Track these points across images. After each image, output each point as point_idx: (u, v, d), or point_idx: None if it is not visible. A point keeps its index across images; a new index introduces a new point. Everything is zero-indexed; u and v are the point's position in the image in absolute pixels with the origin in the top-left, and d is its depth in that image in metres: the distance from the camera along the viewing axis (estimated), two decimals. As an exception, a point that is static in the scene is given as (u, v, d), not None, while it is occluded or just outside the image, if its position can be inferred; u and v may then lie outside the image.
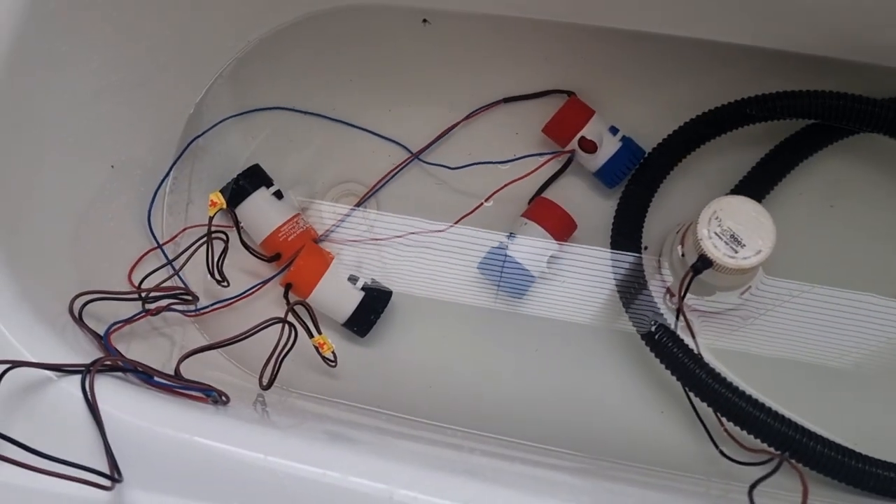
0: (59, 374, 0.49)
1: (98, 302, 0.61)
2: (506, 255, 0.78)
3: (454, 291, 0.80)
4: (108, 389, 0.49)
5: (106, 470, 0.45)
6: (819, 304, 0.78)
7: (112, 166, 0.71)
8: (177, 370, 0.57)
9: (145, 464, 0.47)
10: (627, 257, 0.77)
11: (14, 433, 0.44)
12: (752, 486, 0.53)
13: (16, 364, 0.47)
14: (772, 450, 0.69)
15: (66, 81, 0.66)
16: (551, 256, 0.78)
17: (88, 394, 0.47)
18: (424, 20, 0.87)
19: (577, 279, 0.80)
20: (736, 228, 0.69)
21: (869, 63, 0.80)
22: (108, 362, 0.51)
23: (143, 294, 0.63)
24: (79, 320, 0.57)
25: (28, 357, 0.49)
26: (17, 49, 0.60)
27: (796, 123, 0.80)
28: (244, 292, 0.77)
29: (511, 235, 0.78)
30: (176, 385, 0.52)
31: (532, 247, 0.78)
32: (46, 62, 0.63)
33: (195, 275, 0.77)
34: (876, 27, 0.76)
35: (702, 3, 0.78)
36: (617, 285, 0.77)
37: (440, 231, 0.81)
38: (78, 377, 0.49)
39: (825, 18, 0.76)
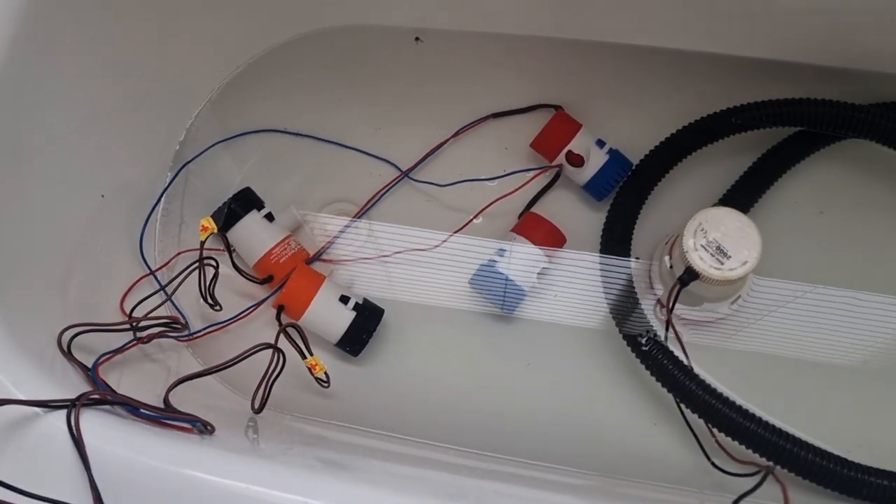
0: (46, 409, 0.50)
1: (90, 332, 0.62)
2: (496, 271, 0.78)
3: (446, 308, 0.81)
4: (95, 423, 0.50)
5: (91, 505, 0.46)
6: (809, 308, 0.78)
7: (102, 195, 0.72)
8: (166, 399, 0.58)
9: (130, 496, 0.47)
10: (617, 270, 0.78)
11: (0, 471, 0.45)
12: (736, 501, 0.53)
13: (2, 402, 0.48)
14: (763, 460, 0.69)
15: (54, 114, 0.67)
16: (541, 271, 0.79)
17: (73, 429, 0.48)
18: (417, 38, 0.88)
19: (567, 293, 0.80)
20: (721, 240, 0.69)
21: (853, 69, 0.80)
22: (95, 396, 0.52)
23: (133, 323, 0.64)
24: (67, 353, 0.57)
25: (15, 393, 0.50)
26: (4, 82, 0.61)
27: (783, 131, 0.80)
28: (236, 316, 0.77)
29: (501, 251, 0.79)
30: (161, 416, 0.53)
31: (522, 262, 0.78)
32: (34, 94, 0.64)
33: (189, 298, 0.78)
34: (858, 33, 0.76)
35: (685, 16, 0.79)
36: (607, 298, 0.78)
37: (431, 248, 0.81)
38: (64, 412, 0.49)
39: (807, 26, 0.76)
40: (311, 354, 0.71)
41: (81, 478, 0.47)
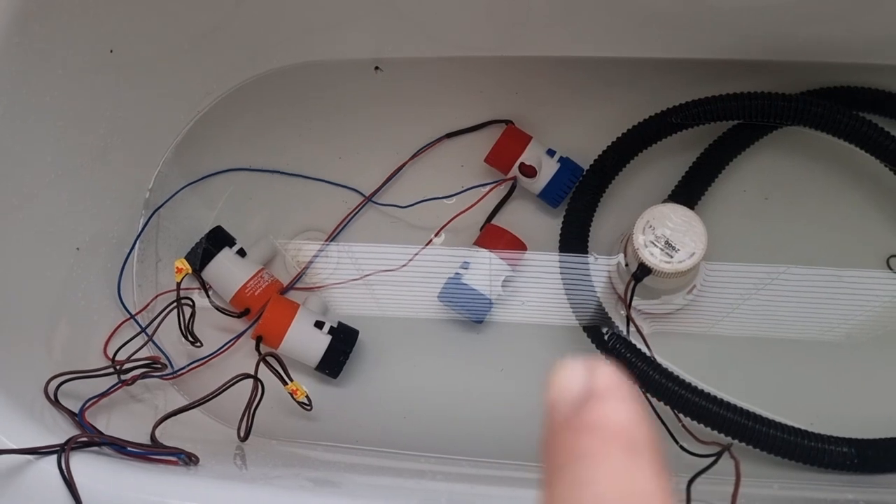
0: (37, 456, 0.53)
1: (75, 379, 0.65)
2: (462, 284, 0.81)
3: (418, 322, 0.84)
4: (85, 465, 0.53)
5: (86, 542, 0.49)
6: (766, 289, 0.82)
7: (77, 248, 0.76)
8: (152, 436, 0.61)
9: (122, 531, 0.51)
10: (577, 272, 0.81)
11: (-2, 517, 0.48)
12: (691, 481, 0.57)
13: (-6, 453, 0.51)
14: (727, 439, 0.72)
15: (23, 173, 0.70)
16: (505, 279, 0.82)
17: (65, 472, 0.51)
18: (377, 68, 0.92)
19: (531, 297, 0.84)
20: (669, 235, 0.73)
21: (780, 61, 0.84)
22: (83, 439, 0.55)
23: (116, 367, 0.67)
24: (55, 402, 0.61)
25: (7, 443, 0.54)
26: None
27: (722, 125, 0.84)
28: (217, 350, 0.80)
29: (465, 264, 0.82)
30: (147, 452, 0.56)
31: (486, 273, 0.82)
32: (2, 155, 0.67)
33: (171, 338, 0.81)
34: (782, 26, 0.80)
35: (615, 25, 0.83)
36: (569, 299, 0.81)
37: (398, 268, 0.85)
38: (55, 457, 0.53)
39: (734, 24, 0.80)
40: (292, 380, 0.74)
41: (76, 517, 0.50)
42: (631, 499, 0.22)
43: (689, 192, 0.83)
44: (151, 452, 0.57)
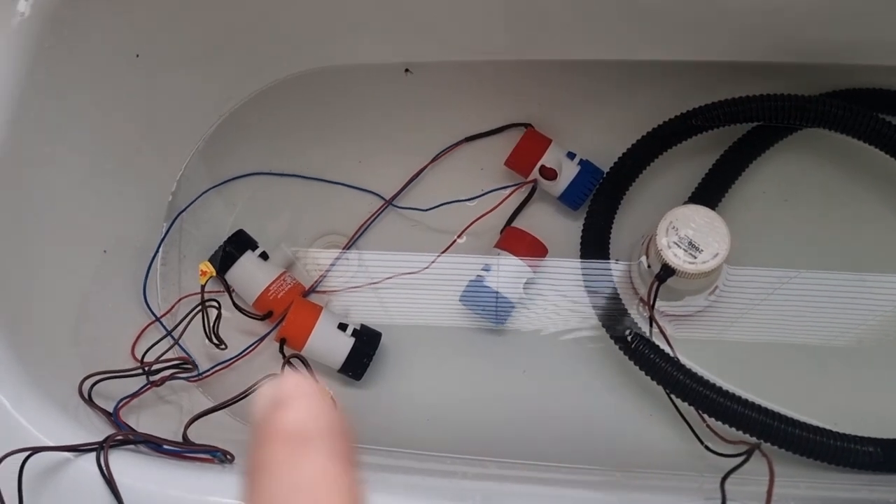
0: (76, 453, 0.53)
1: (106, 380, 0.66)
2: (484, 286, 0.82)
3: (440, 325, 0.85)
4: (123, 462, 0.54)
5: (128, 537, 0.49)
6: (784, 292, 0.82)
7: (104, 251, 0.76)
8: (184, 435, 0.61)
9: (163, 527, 0.51)
10: (598, 273, 0.82)
11: (41, 514, 0.48)
12: (724, 478, 0.57)
13: (36, 450, 0.51)
14: (752, 439, 0.72)
15: (52, 180, 0.70)
16: (527, 282, 0.82)
17: (104, 469, 0.51)
18: (406, 70, 0.92)
19: (553, 299, 0.84)
20: (692, 235, 0.74)
21: (799, 62, 0.84)
22: (120, 437, 0.55)
23: (146, 368, 0.67)
24: (89, 401, 0.61)
25: (45, 441, 0.54)
26: (8, 152, 0.65)
27: (742, 128, 0.84)
28: (241, 353, 0.81)
29: (487, 267, 0.83)
30: (183, 450, 0.57)
31: (507, 275, 0.82)
32: (32, 165, 0.68)
33: (194, 340, 0.81)
34: (800, 29, 0.81)
35: (634, 28, 0.83)
36: (591, 301, 0.82)
37: (419, 271, 0.85)
38: (93, 454, 0.53)
39: (750, 26, 0.81)
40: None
41: (116, 513, 0.51)
42: (298, 492, 0.24)
43: (709, 194, 0.83)
44: (187, 450, 0.57)
